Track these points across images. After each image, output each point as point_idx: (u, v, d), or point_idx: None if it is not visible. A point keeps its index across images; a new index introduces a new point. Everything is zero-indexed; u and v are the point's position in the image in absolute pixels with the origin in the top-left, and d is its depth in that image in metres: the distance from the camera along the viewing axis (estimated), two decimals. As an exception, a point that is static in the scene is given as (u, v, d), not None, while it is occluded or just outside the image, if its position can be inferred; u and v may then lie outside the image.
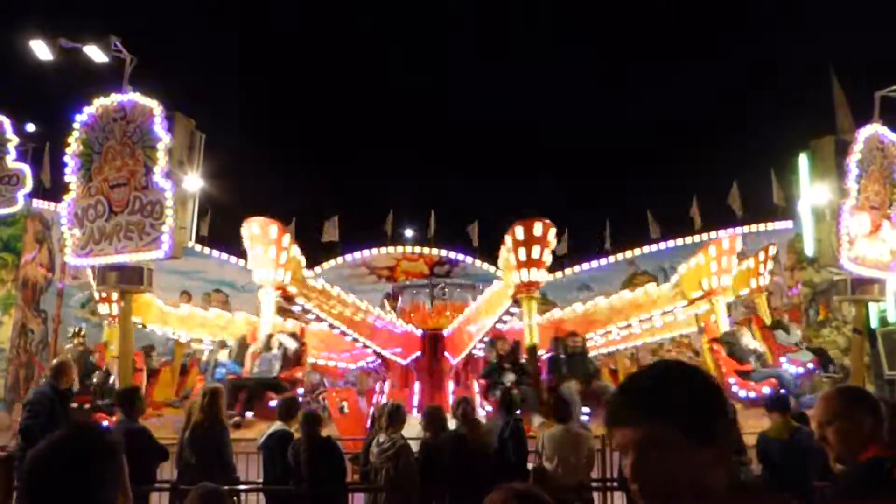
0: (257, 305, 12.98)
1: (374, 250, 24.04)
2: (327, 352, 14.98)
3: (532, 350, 12.38)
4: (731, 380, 12.18)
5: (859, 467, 2.87)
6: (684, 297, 13.76)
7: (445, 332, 15.78)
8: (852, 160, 10.98)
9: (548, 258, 12.38)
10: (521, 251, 12.10)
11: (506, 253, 12.62)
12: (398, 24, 32.63)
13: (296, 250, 12.22)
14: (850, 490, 2.89)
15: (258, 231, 11.53)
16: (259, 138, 27.66)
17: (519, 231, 12.24)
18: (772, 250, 15.76)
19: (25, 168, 16.67)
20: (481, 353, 14.62)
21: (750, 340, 12.99)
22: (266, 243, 11.50)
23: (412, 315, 17.05)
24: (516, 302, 12.53)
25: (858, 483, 2.86)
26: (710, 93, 28.07)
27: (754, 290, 15.23)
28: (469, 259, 23.65)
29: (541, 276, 12.31)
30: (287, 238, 11.81)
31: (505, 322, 13.79)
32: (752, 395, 11.66)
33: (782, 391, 10.83)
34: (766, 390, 11.43)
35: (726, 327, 13.39)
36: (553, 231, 12.44)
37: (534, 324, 12.45)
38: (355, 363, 16.36)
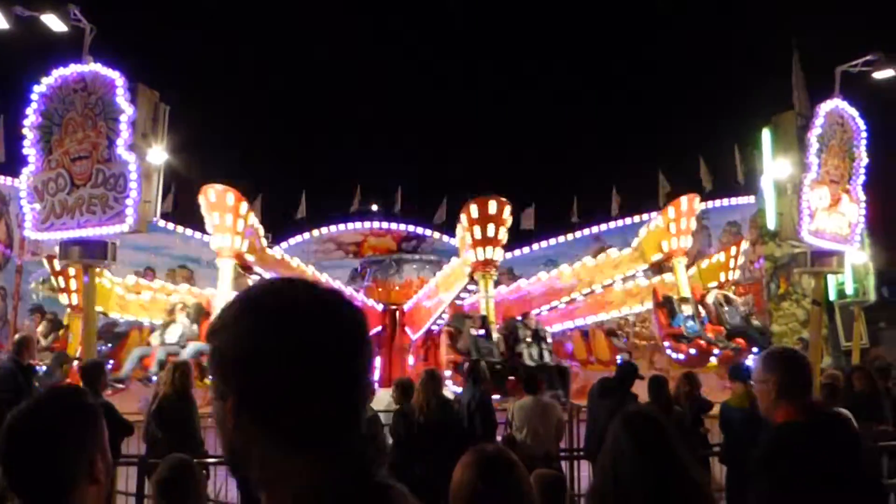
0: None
1: (342, 226, 23.94)
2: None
3: (488, 327, 12.43)
4: (666, 343, 12.71)
5: (775, 431, 3.10)
6: (645, 260, 13.96)
7: (406, 308, 15.83)
8: (813, 135, 11.17)
9: (504, 236, 12.43)
10: (477, 229, 12.16)
11: (462, 231, 12.66)
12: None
13: (253, 219, 12.18)
14: (760, 458, 3.11)
15: (215, 199, 11.45)
16: (224, 111, 27.24)
17: (474, 209, 12.29)
18: (743, 244, 16.02)
19: (-20, 142, 16.35)
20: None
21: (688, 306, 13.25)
22: (223, 210, 11.43)
23: (378, 290, 17.06)
24: (473, 279, 12.58)
25: (767, 451, 3.08)
26: (675, 67, 28.28)
27: (723, 283, 15.42)
28: (437, 234, 23.65)
29: (497, 254, 12.37)
30: (244, 206, 11.77)
31: (463, 298, 13.86)
32: (680, 356, 12.40)
33: (743, 362, 11.13)
34: (692, 351, 12.27)
35: (686, 290, 13.62)
36: (508, 209, 12.49)
37: (491, 300, 12.52)
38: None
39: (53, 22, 10.00)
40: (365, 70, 31.07)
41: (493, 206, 12.26)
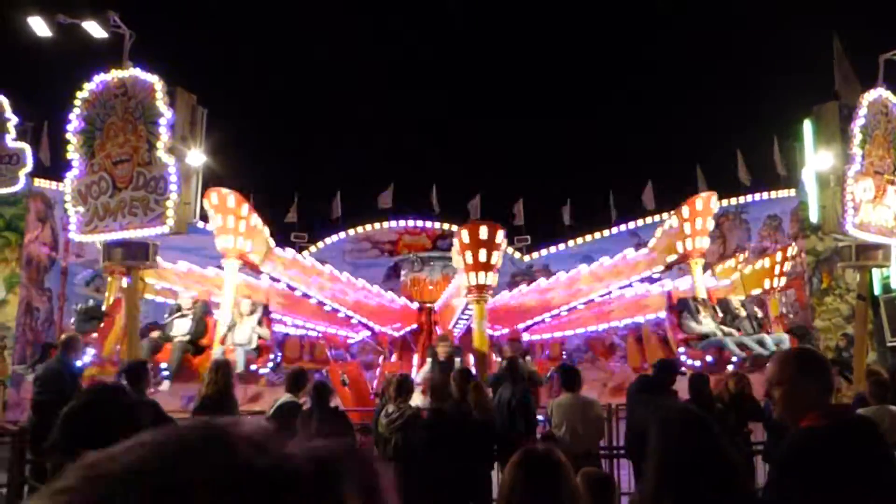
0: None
1: (377, 224, 24.09)
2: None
3: (482, 357, 12.23)
4: (681, 349, 12.31)
5: (795, 436, 2.97)
6: (660, 262, 13.64)
7: (436, 306, 15.86)
8: (857, 125, 10.92)
9: (497, 260, 12.30)
10: (468, 255, 12.08)
11: (457, 255, 12.60)
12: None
13: (257, 220, 12.36)
14: (785, 460, 2.98)
15: (217, 201, 11.58)
16: (260, 113, 27.53)
17: (465, 234, 12.21)
18: (791, 250, 15.51)
19: (26, 147, 16.71)
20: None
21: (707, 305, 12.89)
22: (225, 212, 11.57)
23: (413, 289, 17.11)
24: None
25: (792, 452, 2.94)
26: (712, 58, 27.87)
27: (768, 290, 15.03)
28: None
29: (490, 279, 12.27)
30: (245, 207, 11.93)
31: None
32: (696, 363, 11.88)
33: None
34: (709, 359, 11.75)
35: (703, 292, 13.31)
36: (501, 233, 12.36)
37: (484, 330, 12.38)
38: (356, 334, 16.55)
39: (94, 29, 10.21)
40: (397, 70, 31.21)
41: (484, 232, 12.13)
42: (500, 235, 12.31)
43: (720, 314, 12.80)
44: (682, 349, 12.15)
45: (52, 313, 19.01)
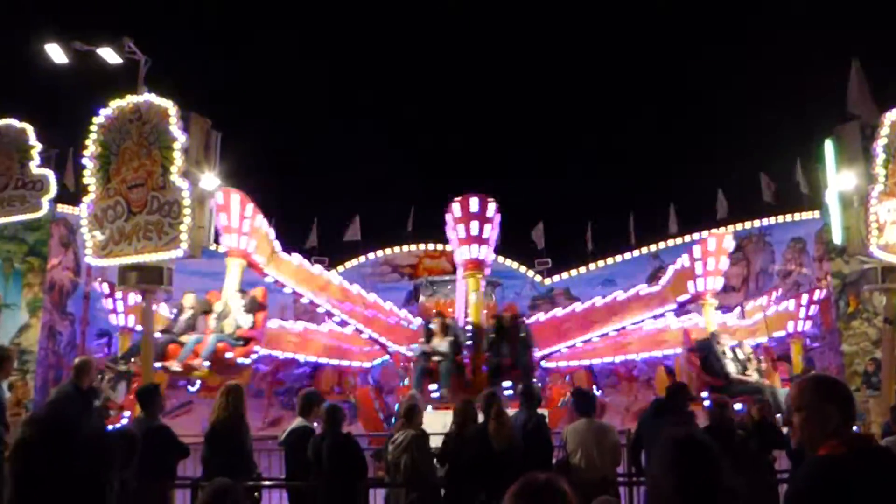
0: (283, 305, 13.07)
1: (397, 248, 24.06)
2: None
3: (476, 329, 12.07)
4: (704, 394, 11.85)
5: (812, 464, 2.84)
6: (671, 302, 13.41)
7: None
8: (879, 144, 10.72)
9: (491, 234, 12.11)
10: (461, 228, 11.93)
11: (451, 232, 12.44)
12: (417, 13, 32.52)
13: (261, 221, 12.36)
14: (800, 488, 2.84)
15: (221, 201, 11.62)
16: (276, 137, 27.71)
17: (456, 207, 12.10)
18: (818, 294, 15.11)
19: (49, 174, 16.87)
20: None
21: (727, 346, 12.44)
22: (229, 211, 11.60)
23: (433, 311, 17.00)
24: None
25: (808, 480, 2.81)
26: (731, 82, 27.70)
27: (792, 335, 14.64)
28: (492, 256, 23.53)
29: (485, 253, 12.08)
30: (250, 207, 11.95)
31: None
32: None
33: None
34: (738, 407, 10.82)
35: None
36: (493, 206, 12.19)
37: (478, 301, 12.19)
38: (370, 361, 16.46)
39: (109, 55, 10.32)
40: (416, 91, 31.33)
41: (475, 204, 11.98)
42: (492, 208, 12.18)
43: (741, 357, 12.45)
44: (705, 394, 11.68)
45: (75, 337, 19.15)
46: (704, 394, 11.79)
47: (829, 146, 11.30)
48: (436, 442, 7.87)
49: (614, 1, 31.59)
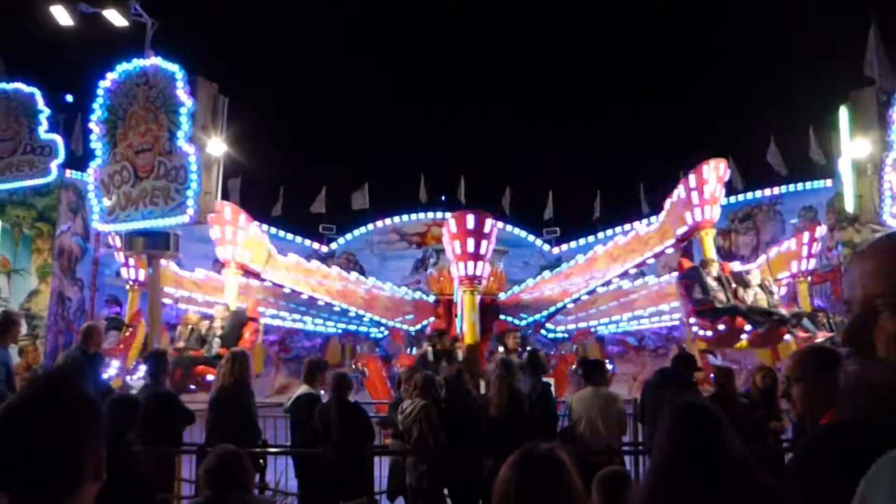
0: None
1: (405, 216, 23.98)
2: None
3: (472, 349, 11.71)
4: (692, 320, 11.74)
5: (813, 434, 2.80)
6: (671, 235, 13.08)
7: (455, 298, 15.72)
8: (895, 111, 10.54)
9: (487, 250, 11.97)
10: (457, 244, 11.79)
11: (447, 245, 12.34)
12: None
13: (256, 230, 12.46)
14: (802, 458, 2.80)
15: (215, 213, 11.64)
16: (285, 103, 27.57)
17: (452, 224, 11.92)
18: (819, 231, 14.78)
19: (58, 139, 16.86)
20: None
21: (716, 273, 12.02)
22: (222, 223, 11.59)
23: (440, 280, 16.99)
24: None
25: (810, 451, 2.77)
26: (744, 48, 27.29)
27: (797, 275, 14.43)
28: (500, 224, 23.49)
29: (480, 269, 11.95)
30: (243, 218, 11.99)
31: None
32: (708, 333, 11.34)
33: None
34: (721, 328, 11.08)
35: (716, 264, 12.66)
36: (490, 222, 11.99)
37: (475, 321, 11.93)
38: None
39: (115, 17, 10.19)
40: (426, 60, 31.01)
41: (471, 221, 11.79)
42: (489, 224, 12.01)
43: (733, 285, 12.13)
44: (693, 320, 11.61)
45: (84, 303, 19.24)
46: (693, 320, 11.66)
47: (843, 113, 11.13)
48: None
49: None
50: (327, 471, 7.20)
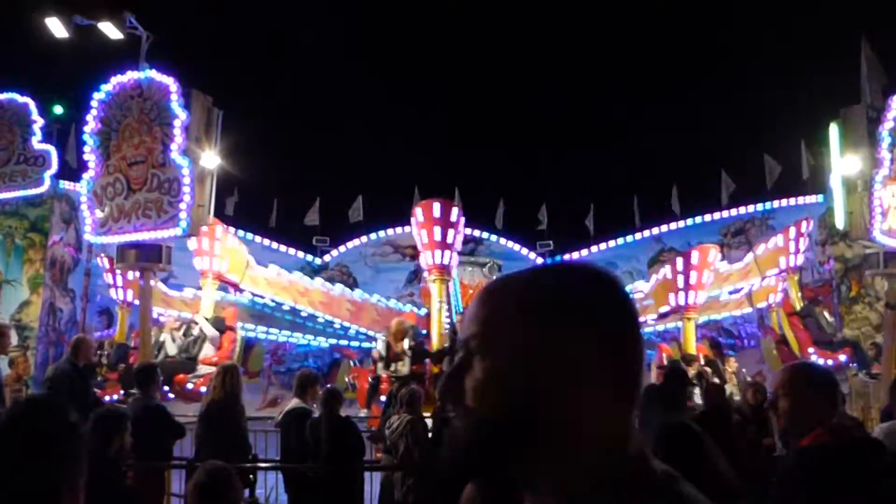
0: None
1: (399, 229, 23.98)
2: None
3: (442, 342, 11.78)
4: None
5: (799, 454, 2.84)
6: (653, 312, 13.52)
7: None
8: (885, 128, 10.62)
9: (455, 239, 12.01)
10: (424, 233, 11.85)
11: (416, 235, 12.40)
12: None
13: (234, 241, 12.53)
14: (788, 477, 2.83)
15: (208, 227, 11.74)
16: (278, 115, 27.60)
17: (419, 213, 12.01)
18: (805, 226, 15.02)
19: (51, 149, 16.81)
20: None
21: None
22: (199, 234, 11.63)
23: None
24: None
25: (794, 471, 2.80)
26: (737, 62, 27.46)
27: (785, 270, 14.64)
28: (494, 237, 23.55)
29: (448, 258, 11.98)
30: (220, 229, 12.05)
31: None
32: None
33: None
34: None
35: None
36: (456, 210, 12.07)
37: (443, 307, 12.02)
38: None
39: (110, 30, 10.22)
40: (422, 73, 31.12)
41: (437, 209, 11.88)
42: (455, 213, 12.10)
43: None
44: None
45: (76, 314, 19.17)
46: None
47: (833, 129, 11.21)
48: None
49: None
50: (318, 486, 7.18)
